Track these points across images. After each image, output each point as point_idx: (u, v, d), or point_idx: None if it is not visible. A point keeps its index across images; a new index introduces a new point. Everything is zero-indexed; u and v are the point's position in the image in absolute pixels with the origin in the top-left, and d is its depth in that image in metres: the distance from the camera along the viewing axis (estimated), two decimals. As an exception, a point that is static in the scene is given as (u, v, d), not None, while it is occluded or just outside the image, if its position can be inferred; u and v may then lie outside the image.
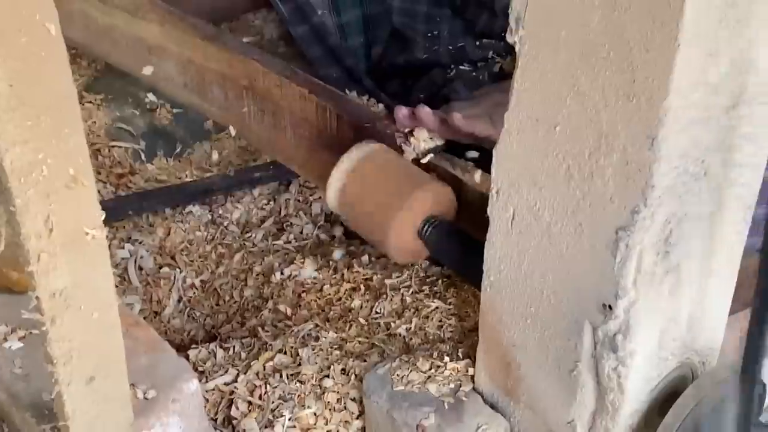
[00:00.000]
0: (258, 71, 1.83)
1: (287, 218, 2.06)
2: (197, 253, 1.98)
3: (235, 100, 1.90)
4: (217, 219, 2.08)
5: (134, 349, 1.30)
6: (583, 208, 1.16)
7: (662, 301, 1.21)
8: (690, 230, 1.17)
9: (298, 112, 1.79)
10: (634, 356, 1.22)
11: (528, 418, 1.38)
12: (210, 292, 1.91)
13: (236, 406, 1.55)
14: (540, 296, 1.27)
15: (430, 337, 1.55)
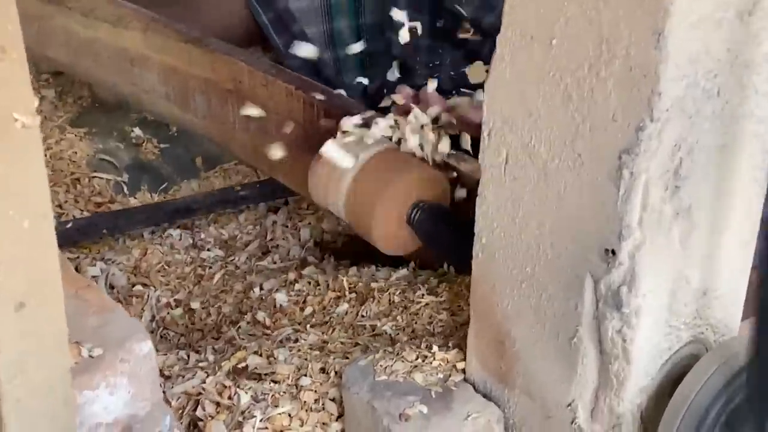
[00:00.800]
0: (243, 71, 1.76)
1: (273, 241, 1.96)
2: (174, 274, 1.87)
3: (220, 106, 1.81)
4: (198, 242, 1.98)
5: (83, 309, 1.19)
6: (583, 133, 1.06)
7: (672, 251, 1.10)
8: (701, 165, 1.07)
9: (284, 112, 1.70)
10: (640, 315, 1.10)
11: (523, 405, 1.26)
12: (186, 311, 1.78)
13: (203, 408, 1.41)
14: (536, 252, 1.16)
15: (419, 332, 1.44)
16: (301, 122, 1.69)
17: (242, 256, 1.94)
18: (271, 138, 1.76)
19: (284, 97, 1.70)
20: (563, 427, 1.22)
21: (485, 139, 1.17)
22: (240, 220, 2.07)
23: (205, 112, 1.86)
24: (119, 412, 1.15)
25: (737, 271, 1.19)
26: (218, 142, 1.91)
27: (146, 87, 1.96)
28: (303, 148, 1.70)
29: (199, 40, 1.87)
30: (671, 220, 1.08)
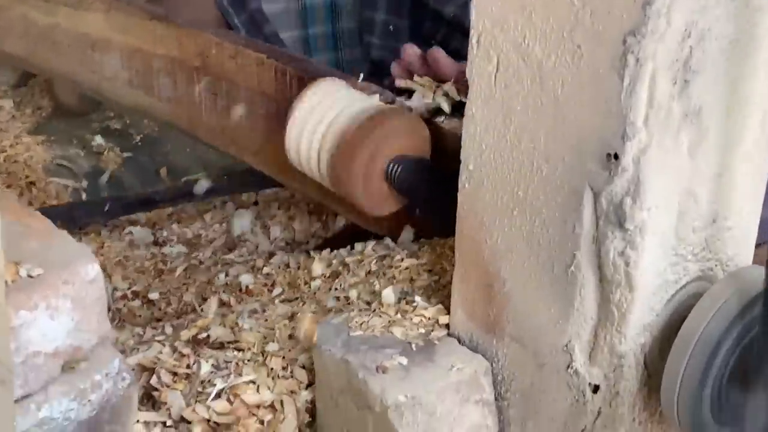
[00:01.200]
0: (211, 43, 1.67)
1: (241, 237, 1.83)
2: (133, 268, 1.76)
3: (185, 86, 1.72)
4: (160, 240, 1.85)
5: (25, 233, 1.08)
6: (583, 20, 0.97)
7: (680, 160, 1.01)
8: (713, 59, 0.99)
9: (254, 86, 1.61)
10: (645, 233, 1.01)
11: (514, 356, 1.15)
12: (144, 302, 1.66)
13: (158, 377, 1.29)
14: (530, 171, 1.06)
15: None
16: (272, 94, 1.59)
17: (207, 252, 1.82)
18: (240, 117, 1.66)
19: (255, 68, 1.61)
20: (558, 375, 1.12)
21: (473, 48, 1.08)
22: (206, 219, 1.96)
23: (171, 94, 1.77)
24: (61, 342, 1.03)
25: (749, 200, 1.10)
26: (184, 127, 1.80)
27: (108, 74, 1.87)
28: (275, 123, 1.59)
29: (165, 17, 1.78)
30: (680, 122, 0.99)
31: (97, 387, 1.08)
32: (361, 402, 1.17)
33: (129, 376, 1.11)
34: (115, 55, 1.84)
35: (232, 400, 1.26)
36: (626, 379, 1.08)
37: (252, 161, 1.70)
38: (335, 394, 1.22)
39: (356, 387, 1.17)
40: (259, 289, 1.52)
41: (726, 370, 1.05)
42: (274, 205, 1.98)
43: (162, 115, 1.84)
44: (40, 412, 1.04)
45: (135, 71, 1.82)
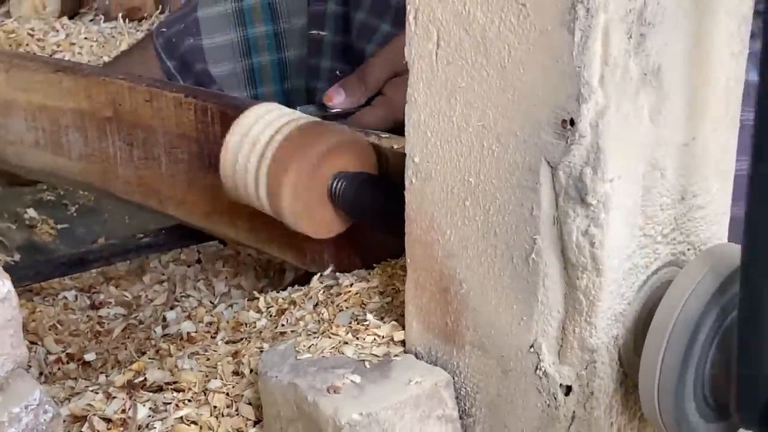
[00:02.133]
0: (123, 89, 1.62)
1: (183, 293, 1.75)
2: (68, 332, 1.67)
3: (98, 140, 1.66)
4: (97, 303, 1.77)
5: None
6: (525, -26, 0.91)
7: (641, 126, 0.97)
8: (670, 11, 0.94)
9: (173, 129, 1.55)
10: (609, 208, 0.96)
11: (477, 364, 1.09)
12: (79, 365, 1.58)
13: (91, 426, 1.20)
14: (481, 153, 1.01)
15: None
16: (194, 135, 1.53)
17: (147, 311, 1.74)
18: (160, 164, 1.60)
19: (173, 109, 1.55)
20: (525, 380, 1.05)
21: (410, 25, 1.03)
22: (145, 280, 1.88)
23: (81, 151, 1.70)
24: (-30, 367, 0.94)
25: (720, 176, 1.04)
26: (98, 186, 1.73)
27: (11, 138, 1.80)
28: (199, 166, 1.53)
29: (71, 68, 1.73)
30: (638, 82, 0.94)
31: (15, 421, 0.99)
32: (313, 427, 1.09)
33: (52, 408, 1.02)
34: (18, 116, 1.78)
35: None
36: (600, 377, 1.01)
37: (176, 213, 1.64)
38: (285, 425, 1.14)
39: (307, 412, 1.09)
40: (202, 336, 1.44)
41: (708, 358, 0.98)
42: (219, 263, 1.90)
43: (73, 175, 1.77)
44: (-51, 451, 0.95)
45: (41, 131, 1.76)
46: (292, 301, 1.40)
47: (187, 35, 2.08)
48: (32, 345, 1.65)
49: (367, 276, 1.33)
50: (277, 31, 2.12)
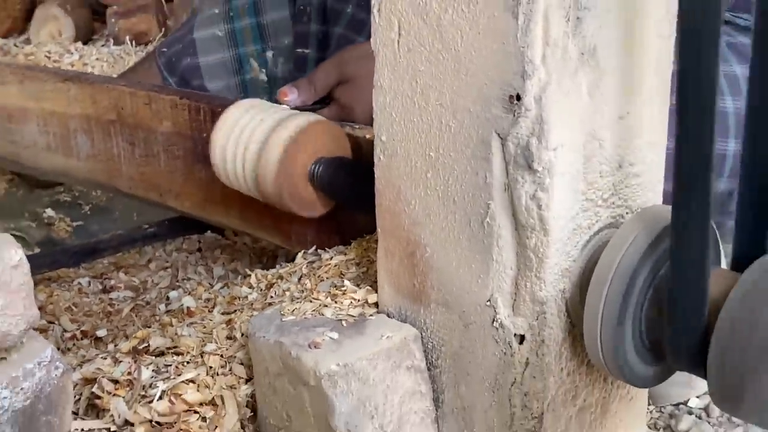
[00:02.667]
0: (125, 95, 1.63)
1: (185, 277, 1.76)
2: (82, 312, 1.67)
3: (103, 141, 1.67)
4: (108, 288, 1.77)
5: (-51, 228, 0.99)
6: (475, -35, 0.92)
7: (580, 101, 0.98)
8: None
9: (170, 128, 1.56)
10: (553, 174, 0.97)
11: (441, 320, 1.09)
12: (92, 340, 1.58)
13: (100, 387, 1.21)
14: (439, 129, 1.02)
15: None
16: (188, 133, 1.54)
17: (153, 293, 1.74)
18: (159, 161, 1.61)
19: (170, 110, 1.56)
20: (484, 331, 1.05)
21: (375, 17, 1.04)
22: (151, 267, 1.89)
23: (88, 152, 1.72)
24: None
25: (652, 147, 1.05)
26: (104, 183, 1.75)
27: (26, 142, 1.81)
28: (194, 160, 1.55)
29: (78, 76, 1.75)
30: (576, 61, 0.95)
31: (29, 376, 1.00)
32: (297, 379, 1.10)
33: (62, 365, 1.03)
34: (31, 122, 1.79)
35: (174, 401, 1.20)
36: (550, 326, 1.02)
37: (175, 204, 1.65)
38: (272, 379, 1.15)
39: (291, 365, 1.10)
40: (200, 310, 1.44)
41: (643, 306, 0.99)
42: (217, 251, 1.91)
43: (82, 174, 1.78)
44: (-29, 399, 0.95)
45: (52, 135, 1.77)
46: (279, 276, 1.40)
47: (185, 55, 2.09)
48: (50, 324, 1.65)
49: (345, 250, 1.33)
50: (266, 49, 2.13)
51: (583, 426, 1.09)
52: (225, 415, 1.18)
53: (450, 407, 1.11)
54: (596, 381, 1.08)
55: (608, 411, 1.10)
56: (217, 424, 1.18)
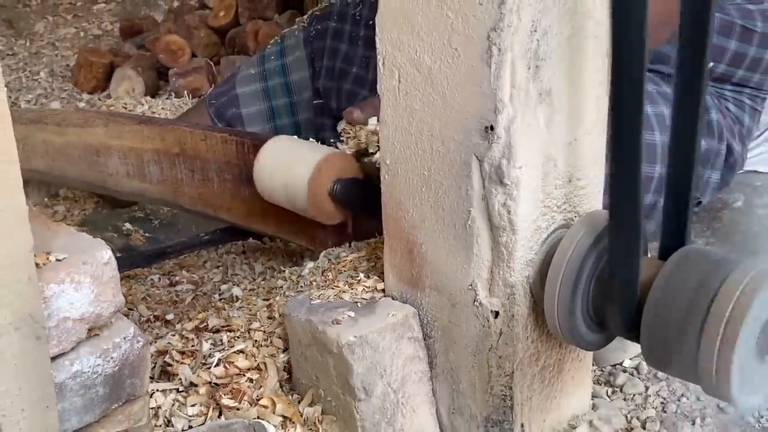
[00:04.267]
0: (186, 133, 1.63)
1: (233, 273, 1.74)
2: (154, 301, 1.64)
3: (169, 169, 1.67)
4: (174, 282, 1.75)
5: (52, 236, 0.99)
6: (457, 28, 0.92)
7: (539, 131, 0.97)
8: (555, 50, 0.94)
9: (221, 158, 1.55)
10: (519, 187, 0.95)
11: (434, 301, 1.07)
12: (163, 323, 1.55)
13: (171, 357, 1.19)
14: (431, 154, 1.01)
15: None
16: (236, 162, 1.54)
17: (209, 285, 1.73)
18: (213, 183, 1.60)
19: (221, 145, 1.56)
20: (467, 309, 1.04)
21: (381, 68, 1.03)
22: (207, 266, 1.86)
23: (159, 178, 1.70)
24: (85, 309, 0.94)
25: (595, 165, 1.04)
26: (170, 201, 1.74)
27: (110, 171, 1.80)
28: (240, 183, 1.54)
29: (150, 119, 1.74)
30: (536, 100, 0.94)
31: (117, 348, 0.99)
32: (323, 349, 1.08)
33: (143, 339, 1.01)
34: (114, 156, 1.78)
35: (228, 367, 1.19)
36: (518, 304, 1.01)
37: (226, 216, 1.64)
38: (303, 349, 1.13)
39: (318, 338, 1.08)
40: (246, 297, 1.43)
41: (590, 287, 0.99)
42: (258, 253, 1.89)
43: (153, 195, 1.77)
44: (73, 366, 0.94)
45: (130, 165, 1.75)
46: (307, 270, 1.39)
47: (230, 106, 2.06)
48: (129, 311, 1.63)
49: (357, 249, 1.32)
50: (292, 102, 2.11)
51: (544, 381, 1.07)
52: (267, 377, 1.17)
53: (441, 368, 1.10)
54: (554, 346, 1.07)
55: (563, 369, 1.09)
56: (261, 385, 1.17)
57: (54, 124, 1.93)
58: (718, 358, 0.84)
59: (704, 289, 0.87)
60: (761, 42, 1.52)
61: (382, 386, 1.06)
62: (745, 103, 1.59)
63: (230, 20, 3.00)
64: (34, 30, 3.55)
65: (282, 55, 1.98)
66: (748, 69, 1.53)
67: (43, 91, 2.95)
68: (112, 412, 1.00)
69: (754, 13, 1.51)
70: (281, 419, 1.12)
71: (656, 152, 1.39)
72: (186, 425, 1.12)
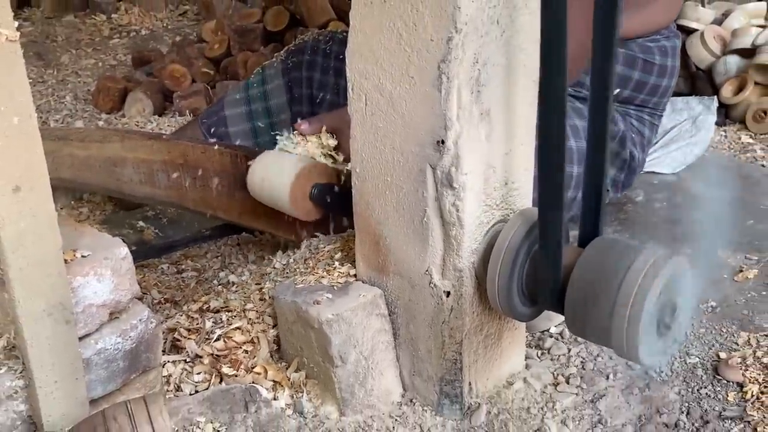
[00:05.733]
0: (188, 147, 1.60)
1: (230, 262, 1.72)
2: (164, 286, 1.62)
3: (175, 177, 1.63)
4: (180, 270, 1.71)
5: (80, 234, 0.96)
6: (413, 60, 0.91)
7: (481, 144, 0.95)
8: (493, 77, 0.93)
9: (218, 167, 1.52)
10: (465, 189, 0.94)
11: (397, 284, 1.06)
12: (173, 304, 1.53)
13: (180, 334, 1.17)
14: (393, 164, 0.99)
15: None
16: (230, 170, 1.51)
17: (210, 273, 1.70)
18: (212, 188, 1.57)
19: (218, 157, 1.53)
20: (424, 290, 1.03)
21: (350, 93, 1.01)
22: (208, 256, 1.83)
23: (166, 184, 1.67)
24: (106, 296, 0.92)
25: (526, 171, 1.03)
26: (176, 203, 1.70)
27: (125, 179, 1.76)
28: (234, 188, 1.52)
29: (159, 136, 1.70)
30: (478, 118, 0.93)
31: (134, 328, 0.97)
32: (306, 325, 1.07)
33: (155, 320, 1.00)
34: (129, 166, 1.74)
35: (227, 341, 1.16)
36: (465, 285, 1.00)
37: (223, 216, 1.61)
38: (290, 325, 1.11)
39: (302, 316, 1.07)
40: (241, 282, 1.41)
41: (523, 270, 0.98)
42: (251, 245, 1.87)
43: (162, 198, 1.73)
44: (98, 345, 0.93)
45: (143, 174, 1.71)
46: (292, 259, 1.37)
47: (219, 125, 2.01)
48: (144, 295, 1.60)
49: (334, 240, 1.30)
50: (272, 123, 2.06)
51: (487, 347, 1.07)
52: (260, 349, 1.16)
53: (404, 339, 1.09)
54: (494, 318, 1.07)
55: (502, 337, 1.09)
56: (255, 355, 1.15)
57: (78, 140, 1.89)
58: (627, 330, 0.85)
59: (615, 272, 0.87)
60: (659, 72, 1.53)
61: (355, 355, 1.05)
62: (645, 119, 1.60)
63: (224, 51, 2.96)
64: (60, 61, 3.49)
65: (263, 83, 1.95)
66: (648, 94, 1.55)
67: (68, 112, 2.88)
68: (131, 381, 0.98)
69: (653, 49, 1.52)
70: (272, 383, 1.11)
71: (573, 156, 1.40)
72: (193, 390, 1.10)
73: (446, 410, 1.06)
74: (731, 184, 1.69)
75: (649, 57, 1.52)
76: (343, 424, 1.06)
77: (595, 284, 0.89)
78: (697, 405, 1.06)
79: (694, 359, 1.15)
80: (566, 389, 1.11)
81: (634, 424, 1.05)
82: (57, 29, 3.82)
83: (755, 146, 1.98)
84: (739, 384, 1.09)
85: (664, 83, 1.56)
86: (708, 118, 1.87)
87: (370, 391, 1.07)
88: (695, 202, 1.61)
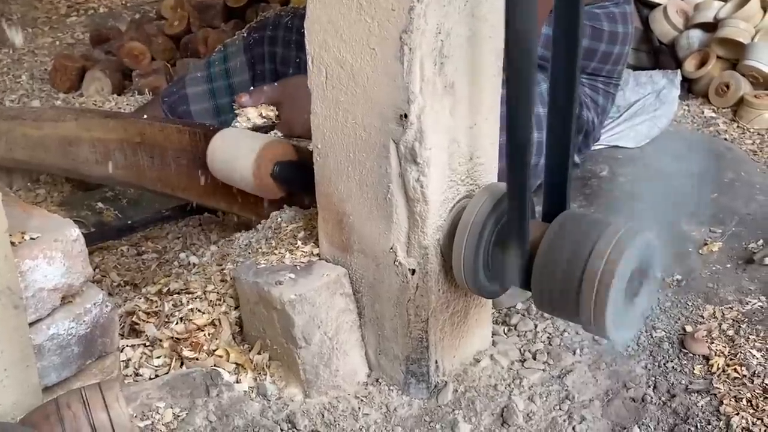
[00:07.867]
0: (146, 125, 1.55)
1: (192, 243, 1.67)
2: (124, 269, 1.57)
3: (133, 156, 1.59)
4: (141, 252, 1.67)
5: (26, 217, 0.92)
6: (373, 30, 0.88)
7: (445, 118, 0.93)
8: (457, 48, 0.91)
9: (177, 145, 1.48)
10: (430, 165, 0.91)
11: (361, 263, 1.03)
12: (132, 287, 1.48)
13: (138, 316, 1.13)
14: (355, 139, 0.96)
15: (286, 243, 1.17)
16: (189, 149, 1.47)
17: (171, 254, 1.66)
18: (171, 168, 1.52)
19: (176, 135, 1.49)
20: (389, 268, 1.01)
21: (310, 66, 0.97)
22: (169, 237, 1.79)
23: (123, 164, 1.62)
24: (58, 280, 0.88)
25: (491, 146, 1.01)
26: (134, 184, 1.65)
27: (81, 159, 1.70)
28: (194, 167, 1.47)
29: (115, 114, 1.65)
30: (442, 91, 0.90)
31: (88, 312, 0.93)
32: (269, 306, 1.04)
33: (111, 304, 0.96)
34: (85, 146, 1.68)
35: (187, 324, 1.13)
36: (431, 263, 0.98)
37: (182, 195, 1.57)
38: (252, 306, 1.08)
39: (264, 297, 1.04)
40: (202, 263, 1.37)
41: (489, 246, 0.96)
42: (212, 225, 1.82)
43: (119, 178, 1.68)
44: (50, 330, 0.89)
45: (99, 153, 1.66)
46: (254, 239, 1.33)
47: (180, 104, 1.95)
48: (102, 277, 1.56)
49: (296, 220, 1.27)
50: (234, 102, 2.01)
51: (453, 325, 1.06)
52: (221, 331, 1.12)
53: (369, 318, 1.07)
54: (461, 296, 1.05)
55: (468, 314, 1.08)
56: (216, 338, 1.12)
57: (32, 120, 1.82)
58: (594, 304, 0.83)
59: (581, 247, 0.86)
60: (609, 39, 1.52)
61: (320, 335, 1.03)
62: (599, 88, 1.59)
63: (183, 29, 2.88)
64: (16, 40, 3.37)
65: (225, 60, 1.89)
66: (599, 62, 1.53)
67: (24, 92, 2.79)
68: (87, 367, 0.94)
69: (599, 16, 1.51)
70: (234, 366, 1.08)
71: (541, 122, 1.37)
72: (153, 374, 1.07)
73: (413, 389, 1.04)
74: (695, 158, 1.69)
75: (597, 23, 1.50)
76: (308, 406, 1.04)
77: (563, 260, 0.87)
78: (664, 379, 1.06)
79: (660, 333, 1.14)
80: (533, 365, 1.10)
81: (601, 399, 1.04)
82: (12, 7, 3.70)
83: (718, 120, 1.98)
84: (705, 357, 1.08)
85: (616, 50, 1.54)
86: (672, 92, 1.86)
87: (335, 372, 1.05)
88: (659, 176, 1.61)
